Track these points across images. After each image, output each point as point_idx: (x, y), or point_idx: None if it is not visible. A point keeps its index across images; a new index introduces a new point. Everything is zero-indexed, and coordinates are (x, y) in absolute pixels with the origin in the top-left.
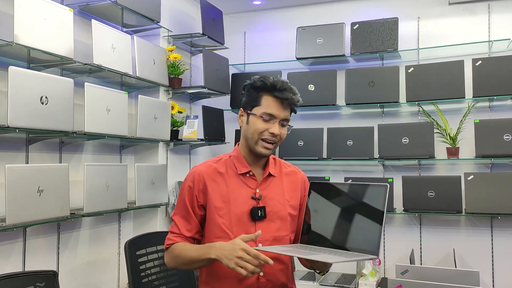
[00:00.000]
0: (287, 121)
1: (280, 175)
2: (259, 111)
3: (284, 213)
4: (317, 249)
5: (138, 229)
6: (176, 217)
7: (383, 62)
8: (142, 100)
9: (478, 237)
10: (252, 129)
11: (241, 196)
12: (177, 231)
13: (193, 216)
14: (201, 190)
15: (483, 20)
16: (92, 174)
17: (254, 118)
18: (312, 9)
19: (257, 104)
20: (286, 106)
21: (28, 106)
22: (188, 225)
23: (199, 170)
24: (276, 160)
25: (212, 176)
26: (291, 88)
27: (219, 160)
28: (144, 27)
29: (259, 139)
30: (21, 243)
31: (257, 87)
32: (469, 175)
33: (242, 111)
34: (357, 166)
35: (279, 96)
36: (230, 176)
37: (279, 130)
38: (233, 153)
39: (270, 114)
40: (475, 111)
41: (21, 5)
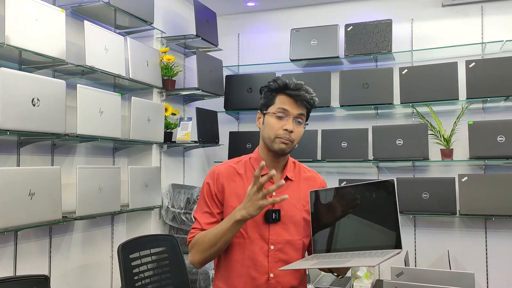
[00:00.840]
0: (301, 118)
1: (298, 180)
2: (273, 109)
3: (298, 217)
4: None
5: (131, 232)
6: (197, 214)
7: (377, 64)
8: (136, 102)
9: (472, 238)
10: (268, 127)
11: None
12: (198, 226)
13: (214, 212)
14: (219, 189)
15: (476, 22)
16: (84, 177)
17: (269, 117)
18: (306, 11)
19: (272, 104)
20: (300, 104)
21: (20, 108)
22: (210, 219)
23: (219, 169)
24: (296, 164)
25: (231, 176)
26: (305, 88)
27: (239, 162)
28: (137, 28)
29: (275, 137)
30: (12, 247)
31: (272, 88)
32: (463, 177)
33: (259, 113)
34: (352, 168)
35: (292, 93)
36: (249, 177)
37: (293, 126)
38: (253, 155)
39: (284, 109)
40: (468, 112)
41: (13, 6)
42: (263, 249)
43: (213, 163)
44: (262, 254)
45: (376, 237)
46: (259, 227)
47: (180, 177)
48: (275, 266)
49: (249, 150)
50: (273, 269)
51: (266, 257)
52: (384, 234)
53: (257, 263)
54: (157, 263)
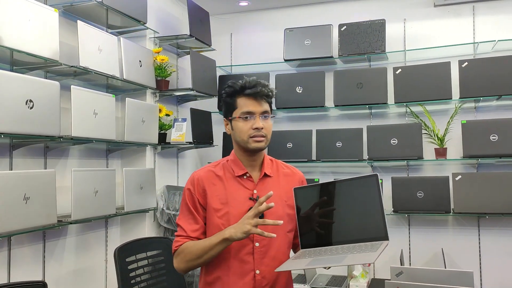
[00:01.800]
0: (267, 113)
1: (277, 176)
2: (237, 113)
3: (281, 213)
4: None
5: (126, 235)
6: (180, 221)
7: (371, 64)
8: (130, 103)
9: (466, 236)
10: (237, 131)
11: (239, 197)
12: (183, 234)
13: (197, 217)
14: (201, 194)
15: (468, 22)
16: (79, 180)
17: (236, 122)
18: (299, 11)
19: (235, 108)
20: (261, 99)
21: (13, 110)
22: (194, 226)
23: (198, 174)
24: (273, 161)
25: (210, 180)
26: (260, 82)
27: (217, 165)
28: (130, 28)
29: (248, 138)
30: (5, 252)
31: (230, 93)
32: (457, 175)
33: (225, 121)
34: (346, 167)
35: (250, 92)
36: (228, 179)
37: (261, 123)
38: (230, 157)
39: (248, 111)
40: (461, 111)
41: (4, 6)
42: (248, 246)
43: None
44: (248, 251)
45: (363, 230)
46: None
47: (174, 178)
48: (261, 262)
49: None
50: (259, 266)
51: (252, 255)
52: (371, 227)
53: (243, 261)
54: (153, 266)
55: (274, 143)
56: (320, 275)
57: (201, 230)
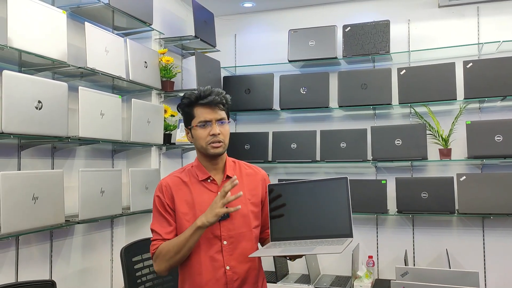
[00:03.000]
0: (223, 119)
1: (240, 176)
2: (195, 122)
3: (245, 211)
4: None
5: (131, 235)
6: (154, 226)
7: (375, 65)
8: (136, 104)
9: (470, 237)
10: (197, 139)
11: (204, 200)
12: (158, 237)
13: (170, 220)
14: (170, 199)
15: (473, 23)
16: (86, 180)
17: (195, 130)
18: (304, 12)
19: (193, 117)
20: (215, 107)
21: (22, 111)
22: (168, 228)
23: (165, 181)
24: (236, 163)
25: (177, 185)
26: (213, 90)
27: (183, 171)
28: (136, 29)
29: (207, 144)
30: (13, 252)
31: (187, 104)
32: (461, 176)
33: (186, 130)
34: (351, 168)
35: (205, 102)
36: (193, 183)
37: (217, 129)
38: (194, 163)
39: (204, 120)
40: (466, 112)
41: (15, 8)
42: (217, 245)
43: None
44: (217, 250)
45: (331, 227)
46: (211, 227)
47: None
48: (230, 259)
49: (248, 151)
50: (228, 262)
51: (221, 253)
52: (338, 225)
53: (213, 260)
54: None
55: (279, 144)
56: (324, 275)
57: (174, 233)
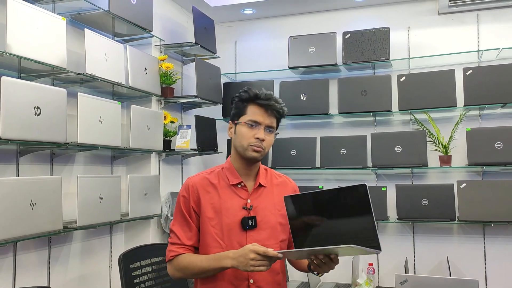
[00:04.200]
0: (272, 128)
1: (271, 186)
2: (245, 119)
3: (274, 222)
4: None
5: (130, 242)
6: (175, 227)
7: (375, 71)
8: (135, 110)
9: (471, 244)
10: (239, 137)
11: (232, 206)
12: (178, 241)
13: (192, 224)
14: (195, 201)
15: (472, 30)
16: (85, 186)
17: (241, 127)
18: (304, 19)
19: (243, 114)
20: (270, 113)
21: (21, 117)
22: (189, 234)
23: (193, 181)
24: (267, 171)
25: (205, 187)
26: (275, 98)
27: (212, 172)
28: (136, 36)
29: (248, 145)
30: (11, 258)
31: (243, 99)
32: (461, 183)
33: (231, 123)
34: (350, 175)
35: (263, 103)
36: (222, 187)
37: (264, 135)
38: (225, 165)
39: (255, 120)
40: (466, 119)
41: (14, 14)
42: None
43: None
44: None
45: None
46: (237, 235)
47: (178, 185)
48: (254, 272)
49: None
50: (252, 275)
51: None
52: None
53: (237, 271)
54: (157, 273)
55: (278, 150)
56: (324, 283)
57: (195, 238)
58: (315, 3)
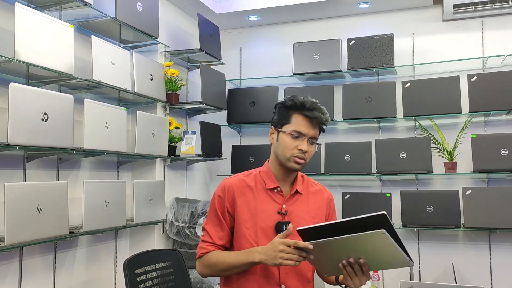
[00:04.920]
0: (315, 139)
1: (307, 193)
2: (288, 128)
3: None
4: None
5: (135, 247)
6: (208, 226)
7: (379, 78)
8: (141, 116)
9: (476, 251)
10: (282, 146)
11: (267, 210)
12: (209, 240)
13: (225, 225)
14: (230, 201)
15: (477, 37)
16: (91, 192)
17: (284, 136)
18: (308, 25)
19: (287, 122)
20: (315, 124)
21: (29, 123)
22: (221, 233)
23: (229, 182)
24: (304, 178)
25: (241, 189)
26: (320, 107)
27: (249, 174)
28: (142, 42)
29: (291, 156)
30: (17, 263)
31: (287, 106)
32: (467, 190)
33: (273, 129)
34: (355, 181)
35: (309, 114)
36: (259, 190)
37: (307, 147)
38: (263, 168)
39: (299, 132)
40: (471, 126)
41: (23, 22)
42: None
43: (215, 176)
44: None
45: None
46: (270, 239)
47: (183, 191)
48: (286, 277)
49: (252, 163)
50: (284, 281)
51: (277, 269)
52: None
53: (268, 275)
54: (162, 278)
55: None
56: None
57: (227, 238)
58: (320, 10)
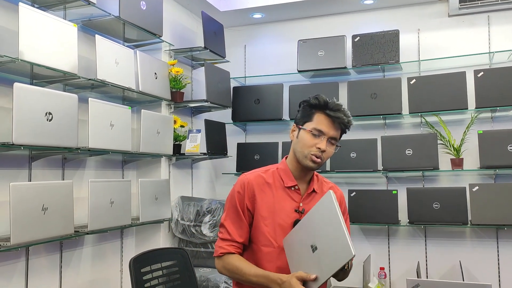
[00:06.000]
0: (335, 140)
1: (321, 192)
2: (309, 126)
3: None
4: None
5: (141, 246)
6: (226, 222)
7: (385, 74)
8: (145, 115)
9: (484, 248)
10: (301, 143)
11: (285, 208)
12: (228, 237)
13: (244, 221)
14: (250, 198)
15: (483, 32)
16: (96, 191)
17: (304, 133)
18: (313, 22)
19: (309, 120)
20: (337, 125)
21: (33, 122)
22: (240, 231)
23: (248, 178)
24: (318, 177)
25: (260, 186)
26: (344, 110)
27: (267, 171)
28: (146, 41)
29: (308, 153)
30: (23, 262)
31: (311, 104)
32: (474, 186)
33: (294, 126)
34: (361, 178)
35: (331, 114)
36: (277, 188)
37: (326, 146)
38: (280, 165)
39: (320, 130)
40: (477, 122)
41: (26, 22)
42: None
43: (221, 174)
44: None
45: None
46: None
47: (189, 189)
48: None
49: (257, 161)
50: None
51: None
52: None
53: (285, 272)
54: (168, 277)
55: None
56: (335, 287)
57: (246, 236)
58: (324, 6)
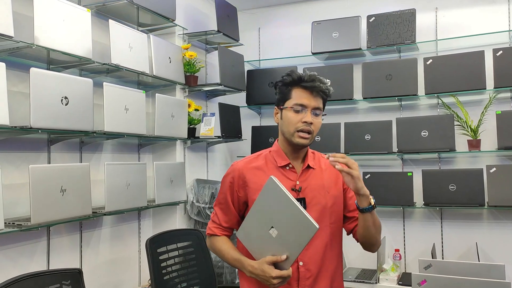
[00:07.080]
0: (319, 109)
1: (319, 168)
2: (290, 103)
3: (323, 203)
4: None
5: (158, 227)
6: (216, 207)
7: (400, 55)
8: (160, 99)
9: (501, 230)
10: (286, 122)
11: None
12: (216, 221)
13: (232, 210)
14: (241, 186)
15: (503, 9)
16: (112, 173)
17: (287, 112)
18: (327, 3)
19: (289, 98)
20: (316, 95)
21: (50, 107)
22: (226, 217)
23: (238, 166)
24: (315, 154)
25: (251, 171)
26: (319, 78)
27: (259, 155)
28: (159, 26)
29: (295, 130)
30: (45, 242)
31: (286, 83)
32: (491, 168)
33: (276, 109)
34: (376, 160)
35: (308, 85)
36: (270, 169)
37: (311, 118)
38: (273, 148)
39: (301, 104)
40: (496, 102)
41: (41, 7)
42: None
43: (236, 157)
44: None
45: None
46: None
47: (204, 172)
48: (305, 253)
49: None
50: (302, 257)
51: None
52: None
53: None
54: (184, 257)
55: None
56: (350, 268)
57: (233, 221)
58: None
